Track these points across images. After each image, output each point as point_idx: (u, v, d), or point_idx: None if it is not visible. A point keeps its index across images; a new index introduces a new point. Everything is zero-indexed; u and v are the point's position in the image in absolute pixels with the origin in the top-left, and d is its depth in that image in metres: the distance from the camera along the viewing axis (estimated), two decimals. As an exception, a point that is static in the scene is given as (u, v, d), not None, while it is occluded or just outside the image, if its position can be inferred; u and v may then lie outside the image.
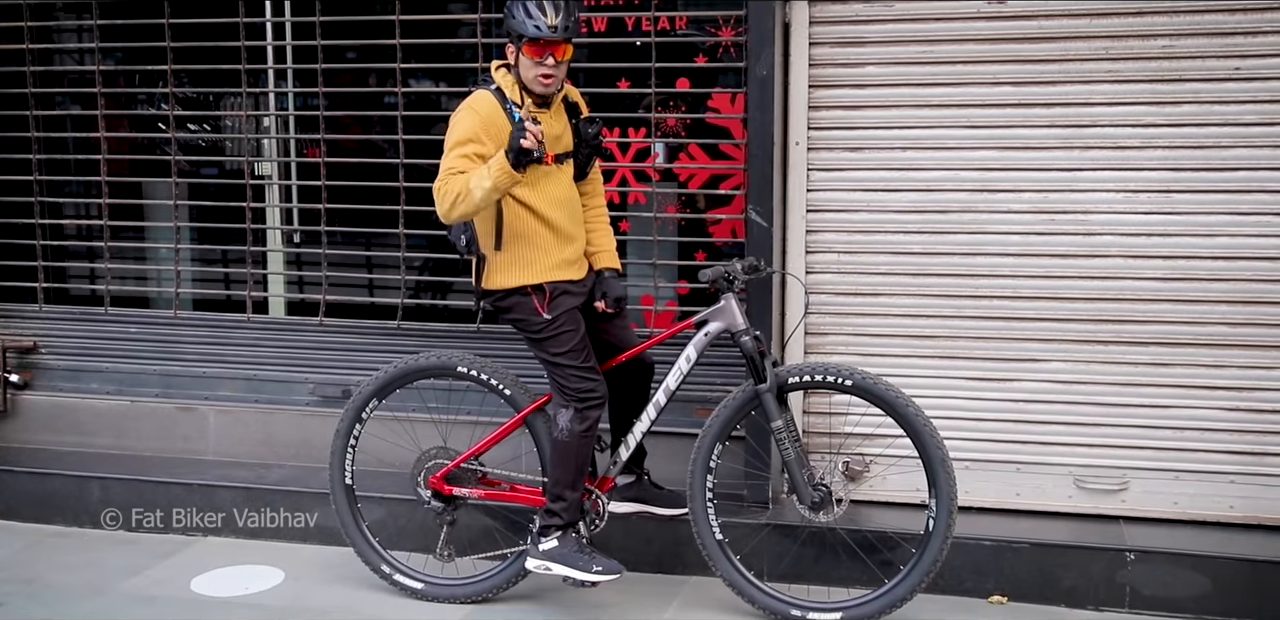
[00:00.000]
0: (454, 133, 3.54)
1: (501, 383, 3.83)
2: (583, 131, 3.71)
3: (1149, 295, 3.94)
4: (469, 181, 3.42)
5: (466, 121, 3.52)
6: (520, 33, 3.49)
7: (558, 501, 3.71)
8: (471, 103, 3.57)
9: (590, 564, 3.67)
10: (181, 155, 4.97)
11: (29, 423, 5.08)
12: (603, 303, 3.75)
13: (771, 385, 3.59)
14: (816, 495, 3.61)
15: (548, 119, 3.59)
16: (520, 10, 3.49)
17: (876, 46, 4.05)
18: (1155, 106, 3.88)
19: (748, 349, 3.62)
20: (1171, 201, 3.90)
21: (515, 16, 3.50)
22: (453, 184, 3.45)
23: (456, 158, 3.49)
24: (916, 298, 4.12)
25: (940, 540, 3.53)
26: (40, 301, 5.09)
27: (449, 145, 3.53)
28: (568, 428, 3.64)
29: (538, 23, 3.47)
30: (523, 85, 3.57)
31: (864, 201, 4.12)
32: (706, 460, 3.72)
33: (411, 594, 3.94)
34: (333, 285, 4.81)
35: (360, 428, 3.99)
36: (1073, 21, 3.90)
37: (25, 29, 4.92)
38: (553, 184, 3.65)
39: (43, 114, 5.01)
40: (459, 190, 3.44)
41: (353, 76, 4.90)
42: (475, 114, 3.52)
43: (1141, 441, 4.00)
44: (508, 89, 3.58)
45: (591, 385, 3.64)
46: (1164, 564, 3.76)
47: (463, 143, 3.50)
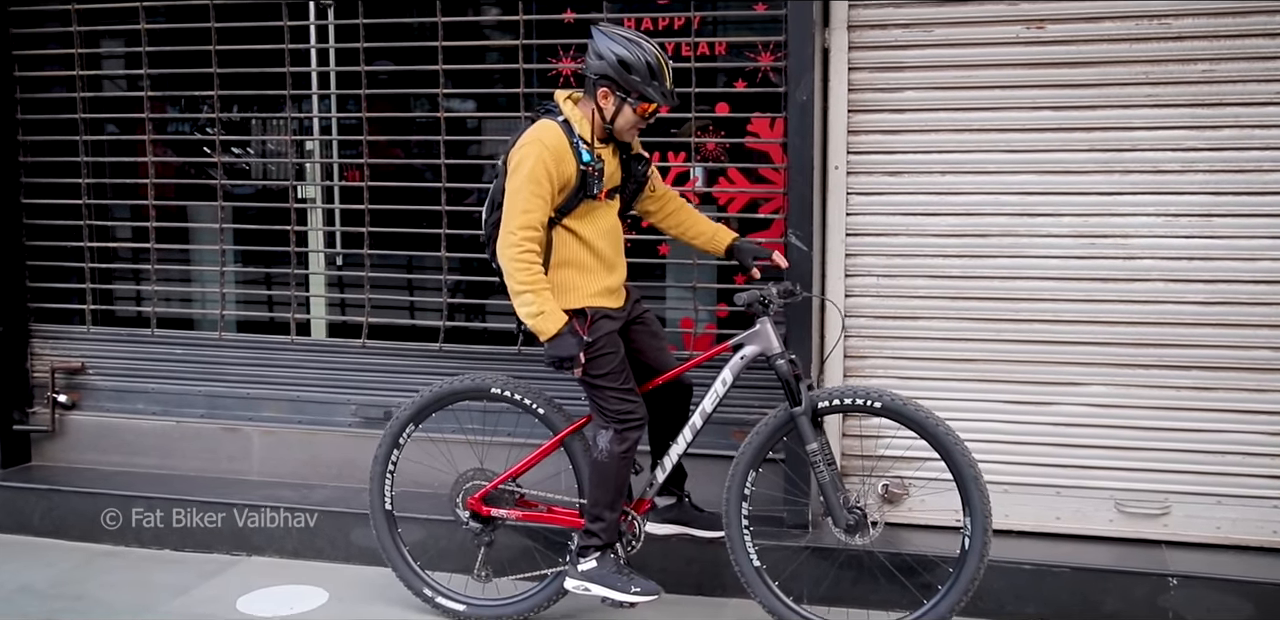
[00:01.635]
0: (523, 167, 3.54)
1: (536, 403, 3.86)
2: (632, 168, 3.78)
3: (1190, 319, 3.94)
4: (519, 291, 3.52)
5: (535, 156, 3.53)
6: (640, 93, 3.55)
7: (596, 522, 3.74)
8: (540, 135, 3.58)
9: (629, 585, 3.69)
10: (226, 179, 5.05)
11: (76, 443, 5.16)
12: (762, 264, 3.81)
13: (806, 408, 3.61)
14: (851, 518, 3.60)
15: (607, 155, 3.67)
16: (644, 69, 3.53)
17: (915, 71, 4.07)
18: (1195, 130, 3.88)
19: (782, 372, 3.63)
20: (1212, 225, 3.89)
21: (635, 73, 3.53)
22: (515, 272, 3.52)
23: (530, 197, 3.52)
24: (956, 321, 4.13)
25: (977, 559, 3.51)
26: (88, 323, 5.17)
27: (520, 180, 3.54)
28: (607, 449, 3.67)
29: (663, 90, 3.56)
30: (595, 122, 3.62)
31: (903, 225, 4.14)
32: (741, 487, 3.73)
33: (454, 616, 3.98)
34: (375, 307, 4.86)
35: (398, 453, 4.03)
36: (1112, 46, 3.91)
37: (76, 56, 5.01)
38: (601, 216, 3.72)
39: (91, 139, 5.10)
40: (512, 284, 3.54)
41: (394, 101, 4.96)
42: (545, 148, 3.54)
43: (1183, 465, 3.99)
44: (576, 123, 3.62)
45: (631, 407, 3.67)
46: (1207, 589, 3.74)
47: (535, 181, 3.52)
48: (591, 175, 3.60)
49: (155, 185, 5.06)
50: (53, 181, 5.13)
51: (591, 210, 3.68)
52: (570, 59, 4.57)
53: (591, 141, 3.62)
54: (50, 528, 4.81)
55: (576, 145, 3.58)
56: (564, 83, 4.59)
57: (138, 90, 5.02)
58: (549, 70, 4.62)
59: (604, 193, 3.67)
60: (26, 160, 5.13)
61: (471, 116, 4.98)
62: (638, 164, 3.79)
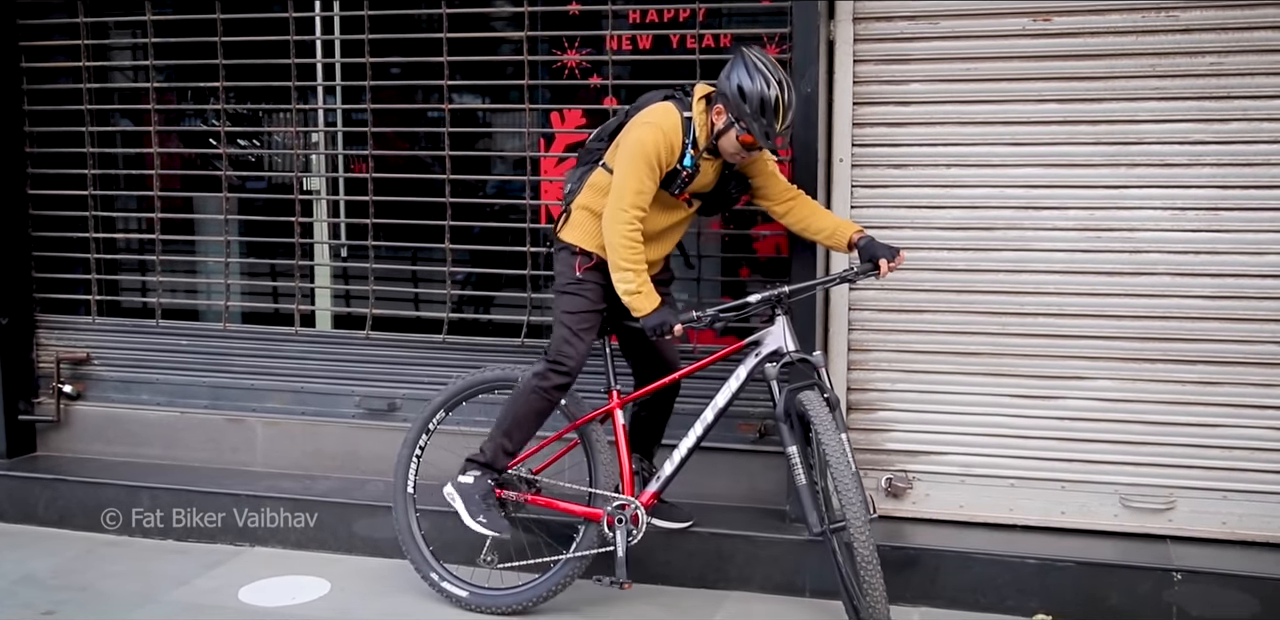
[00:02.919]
0: (641, 147, 3.61)
1: None
2: (727, 183, 3.84)
3: (1197, 313, 3.91)
4: (624, 267, 3.61)
5: (653, 140, 3.61)
6: (746, 125, 3.57)
7: (489, 442, 3.88)
8: (661, 121, 3.64)
9: (480, 513, 3.85)
10: (232, 170, 5.05)
11: (81, 432, 5.17)
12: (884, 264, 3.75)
13: (780, 413, 3.60)
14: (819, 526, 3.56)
15: (708, 166, 3.74)
16: (757, 104, 3.53)
17: (921, 64, 4.05)
18: (1203, 124, 3.85)
19: (767, 374, 3.66)
20: (1220, 219, 3.87)
21: (748, 104, 3.54)
22: (623, 249, 3.61)
23: (644, 178, 3.62)
24: (961, 315, 4.11)
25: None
26: (93, 314, 5.18)
27: (635, 159, 3.61)
28: (528, 379, 3.82)
29: (766, 129, 3.57)
30: (708, 132, 3.67)
31: (908, 218, 4.12)
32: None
33: (456, 602, 3.98)
34: (379, 299, 4.86)
35: (427, 438, 4.09)
36: (1119, 39, 3.88)
37: (82, 47, 5.02)
38: (667, 211, 3.80)
39: (98, 130, 5.11)
40: (616, 259, 3.62)
41: (399, 93, 4.96)
42: (663, 133, 3.62)
43: (1189, 460, 3.96)
44: (698, 128, 3.67)
45: (570, 353, 3.78)
46: (1212, 584, 3.72)
47: (650, 164, 3.61)
48: (682, 178, 3.69)
49: (161, 176, 5.06)
50: (59, 172, 5.14)
51: (666, 204, 3.76)
52: (576, 51, 4.56)
53: (700, 149, 3.68)
54: (55, 517, 4.82)
55: (686, 146, 3.65)
56: (569, 75, 4.58)
57: (144, 81, 5.03)
58: (555, 62, 4.61)
59: (686, 196, 3.77)
60: (33, 151, 5.14)
61: (477, 109, 4.98)
62: (734, 182, 3.84)
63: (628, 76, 4.50)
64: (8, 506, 4.90)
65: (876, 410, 4.19)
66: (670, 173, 3.67)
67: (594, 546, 3.86)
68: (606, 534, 3.82)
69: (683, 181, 3.70)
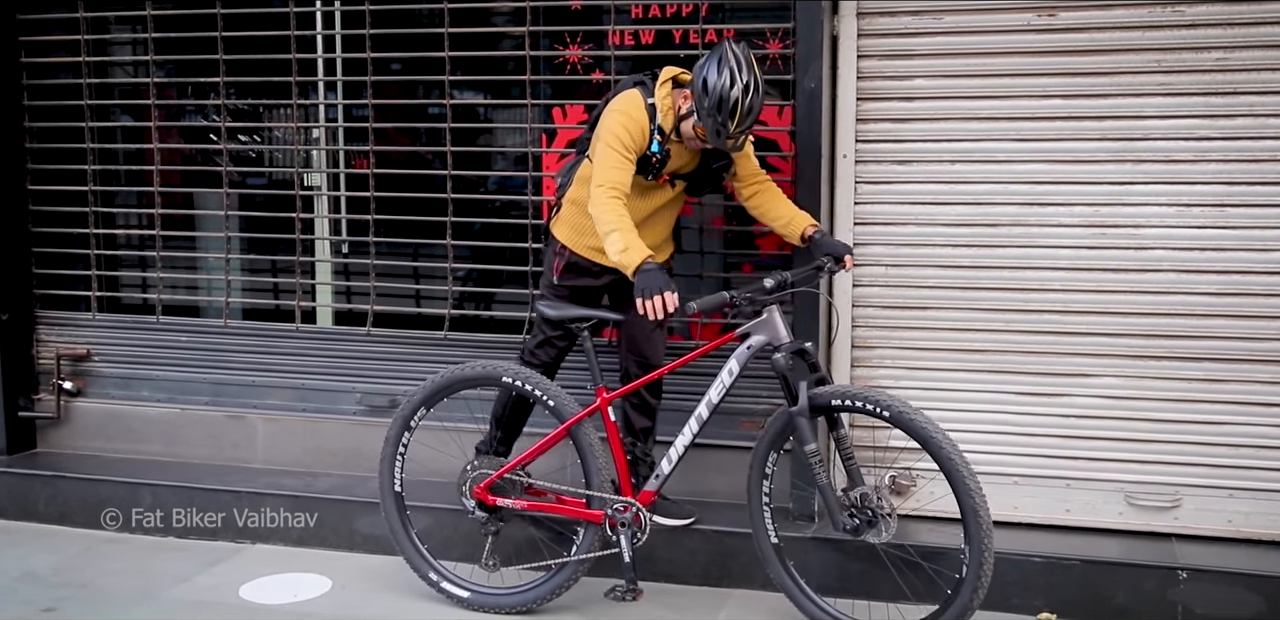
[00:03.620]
0: (614, 137, 3.65)
1: (545, 393, 3.84)
2: (708, 161, 3.86)
3: (1202, 310, 3.90)
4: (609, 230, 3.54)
5: (621, 125, 3.66)
6: (699, 118, 3.59)
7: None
8: (629, 108, 3.69)
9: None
10: (232, 166, 5.03)
11: (81, 429, 5.15)
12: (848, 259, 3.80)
13: (802, 408, 3.54)
14: (850, 523, 3.55)
15: (679, 149, 3.77)
16: (716, 100, 3.52)
17: (925, 59, 4.03)
18: (1209, 119, 3.83)
19: (779, 367, 3.58)
20: (1226, 215, 3.85)
21: (708, 98, 3.53)
22: (606, 212, 3.57)
23: (619, 157, 3.64)
24: (965, 311, 4.09)
25: (971, 590, 3.41)
26: (93, 310, 5.16)
27: (607, 141, 3.65)
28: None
29: (718, 126, 3.56)
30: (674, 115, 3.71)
31: (912, 214, 4.10)
32: (763, 466, 3.70)
33: (457, 602, 3.96)
34: (380, 296, 4.84)
35: (409, 436, 4.03)
36: (1124, 34, 3.86)
37: (82, 42, 5.00)
38: (654, 195, 3.86)
39: (98, 125, 5.09)
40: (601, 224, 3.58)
41: (401, 89, 4.94)
42: (630, 119, 3.67)
43: (1194, 458, 3.95)
44: (661, 112, 3.70)
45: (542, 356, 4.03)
46: (1217, 583, 3.71)
47: (623, 145, 3.65)
48: (652, 163, 3.73)
49: (161, 172, 5.05)
50: (59, 168, 5.12)
51: (645, 187, 3.80)
52: (578, 46, 4.54)
53: (668, 134, 3.71)
54: (55, 514, 4.81)
55: (653, 132, 3.68)
56: (571, 71, 4.56)
57: (144, 77, 5.01)
58: (556, 58, 4.58)
59: (664, 177, 3.79)
60: (33, 147, 5.13)
61: (478, 104, 4.96)
62: (716, 161, 3.84)
63: (630, 72, 4.47)
64: (8, 503, 4.89)
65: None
66: (641, 159, 3.70)
67: (596, 548, 3.83)
68: (608, 535, 3.79)
69: (655, 167, 3.74)
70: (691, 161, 3.83)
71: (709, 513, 4.16)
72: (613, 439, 3.83)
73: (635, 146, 3.66)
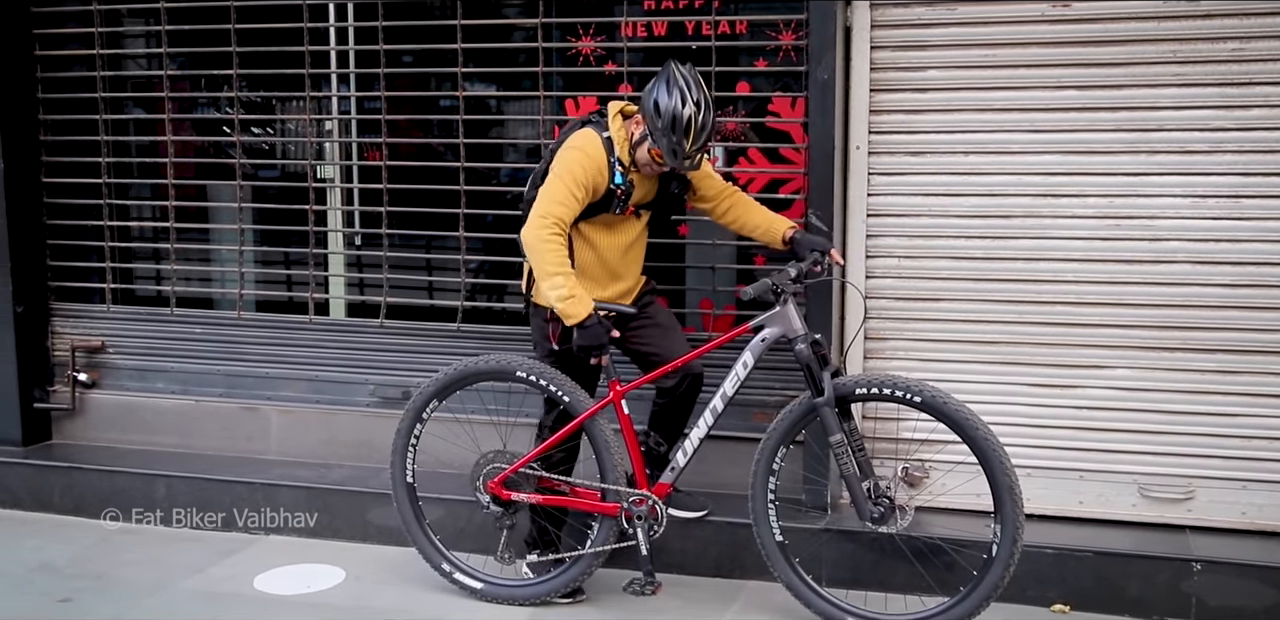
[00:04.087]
0: (566, 171, 3.63)
1: (559, 388, 3.83)
2: (667, 187, 3.84)
3: (1217, 302, 3.88)
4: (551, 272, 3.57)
5: (577, 162, 3.64)
6: (655, 141, 3.59)
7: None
8: (585, 145, 3.68)
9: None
10: (246, 159, 5.04)
11: (96, 421, 5.17)
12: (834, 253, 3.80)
13: (829, 398, 3.54)
14: (876, 511, 3.57)
15: (640, 178, 3.76)
16: (669, 121, 3.53)
17: (939, 50, 4.02)
18: (1224, 110, 3.82)
19: (803, 357, 3.58)
20: (1241, 207, 3.84)
21: (661, 119, 3.54)
22: (547, 253, 3.57)
23: (567, 193, 3.61)
24: (978, 303, 4.08)
25: (1002, 568, 3.44)
26: (108, 302, 5.18)
27: (558, 175, 3.63)
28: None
29: (674, 147, 3.56)
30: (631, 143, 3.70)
31: (925, 206, 4.09)
32: (769, 463, 3.70)
33: (471, 594, 3.97)
34: (393, 288, 4.85)
35: (421, 427, 4.03)
36: (1139, 24, 3.85)
37: (96, 35, 5.01)
38: (622, 229, 3.85)
39: (112, 118, 5.10)
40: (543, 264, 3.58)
41: (413, 81, 4.94)
42: (587, 157, 3.65)
43: (1208, 450, 3.94)
44: (618, 145, 3.70)
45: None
46: (1231, 575, 3.70)
47: (575, 182, 3.61)
48: (618, 196, 3.72)
49: (175, 165, 5.06)
50: (73, 161, 5.14)
51: (614, 222, 3.80)
52: (590, 38, 4.54)
53: (628, 165, 3.70)
54: (70, 505, 4.83)
55: (613, 164, 3.68)
56: (584, 62, 4.55)
57: (157, 69, 5.02)
58: (569, 49, 4.58)
59: (631, 210, 3.79)
60: (47, 139, 5.14)
61: (491, 96, 4.96)
62: (673, 182, 3.83)
63: (642, 63, 4.48)
64: (24, 494, 4.92)
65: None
66: (606, 194, 3.70)
67: (611, 540, 3.83)
68: (624, 527, 3.80)
69: (620, 199, 3.74)
70: (652, 190, 3.84)
71: (722, 504, 4.16)
72: (627, 432, 3.83)
73: (587, 183, 3.64)
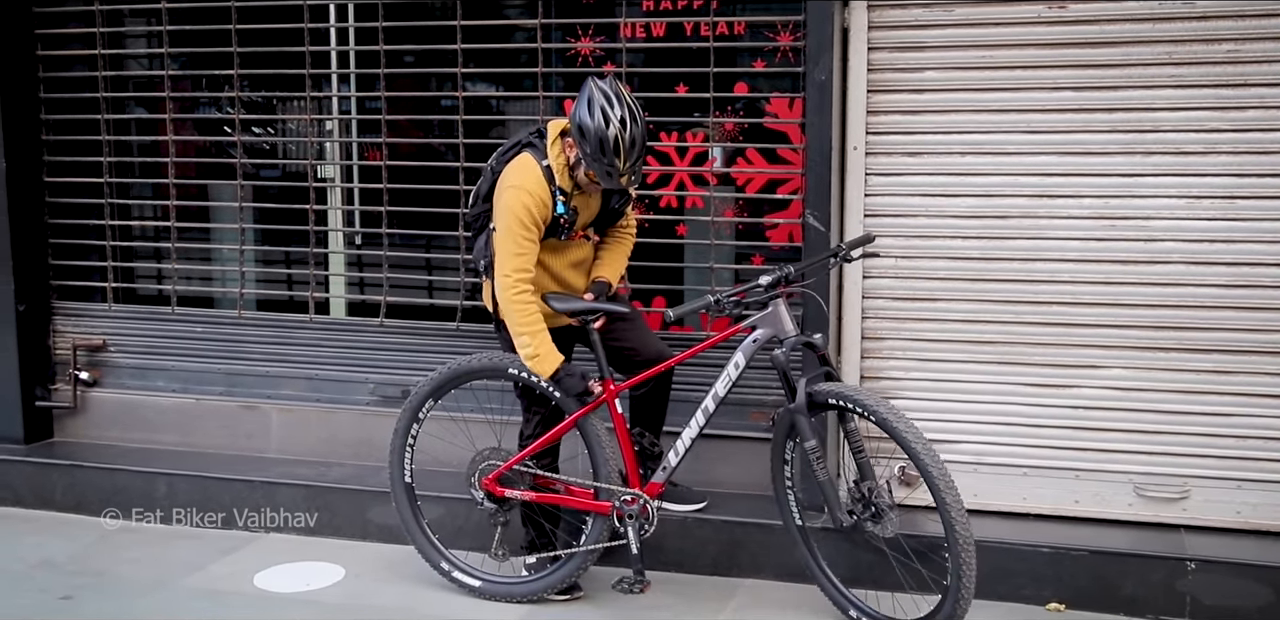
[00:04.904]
0: (511, 212, 3.64)
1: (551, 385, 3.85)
2: (609, 201, 3.88)
3: (1211, 302, 3.90)
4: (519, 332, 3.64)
5: (520, 203, 3.64)
6: (587, 163, 3.60)
7: None
8: (523, 180, 3.66)
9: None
10: (246, 158, 5.06)
11: (97, 419, 5.20)
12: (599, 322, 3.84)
13: (800, 405, 3.58)
14: (848, 520, 3.61)
15: (582, 202, 3.78)
16: (595, 143, 3.53)
17: (936, 51, 4.03)
18: (1219, 111, 3.83)
19: (778, 363, 3.61)
20: (1235, 207, 3.85)
21: (587, 142, 3.55)
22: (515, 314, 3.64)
23: (520, 241, 3.64)
24: (975, 303, 4.10)
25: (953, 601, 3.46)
26: (109, 301, 5.20)
27: (507, 224, 3.65)
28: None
29: (610, 167, 3.57)
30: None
31: (922, 206, 4.11)
32: (782, 452, 3.76)
33: (469, 591, 4.00)
34: (393, 287, 4.87)
35: (418, 427, 4.06)
36: (1135, 26, 3.86)
37: (98, 35, 5.03)
38: (572, 249, 3.90)
39: (113, 117, 5.12)
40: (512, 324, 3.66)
41: (413, 81, 4.96)
42: (529, 195, 3.65)
43: (1203, 450, 3.95)
44: (558, 173, 3.69)
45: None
46: (1226, 574, 3.72)
47: (524, 226, 3.63)
48: (563, 225, 3.75)
49: (176, 164, 5.08)
50: (75, 160, 5.16)
51: (562, 245, 3.83)
52: (589, 39, 4.55)
53: (570, 193, 3.71)
54: (71, 503, 4.85)
55: (555, 194, 3.68)
56: (583, 63, 4.57)
57: (159, 69, 5.04)
58: (568, 50, 4.60)
59: (580, 234, 3.84)
60: (49, 139, 5.16)
61: (491, 97, 4.98)
62: (616, 200, 3.88)
63: (641, 64, 4.50)
64: (25, 492, 4.94)
65: (889, 398, 4.16)
66: (551, 223, 3.72)
67: (604, 538, 3.86)
68: (616, 526, 3.82)
69: (566, 227, 3.77)
70: (596, 207, 3.87)
71: (718, 503, 4.19)
72: (619, 430, 3.85)
73: (534, 222, 3.65)
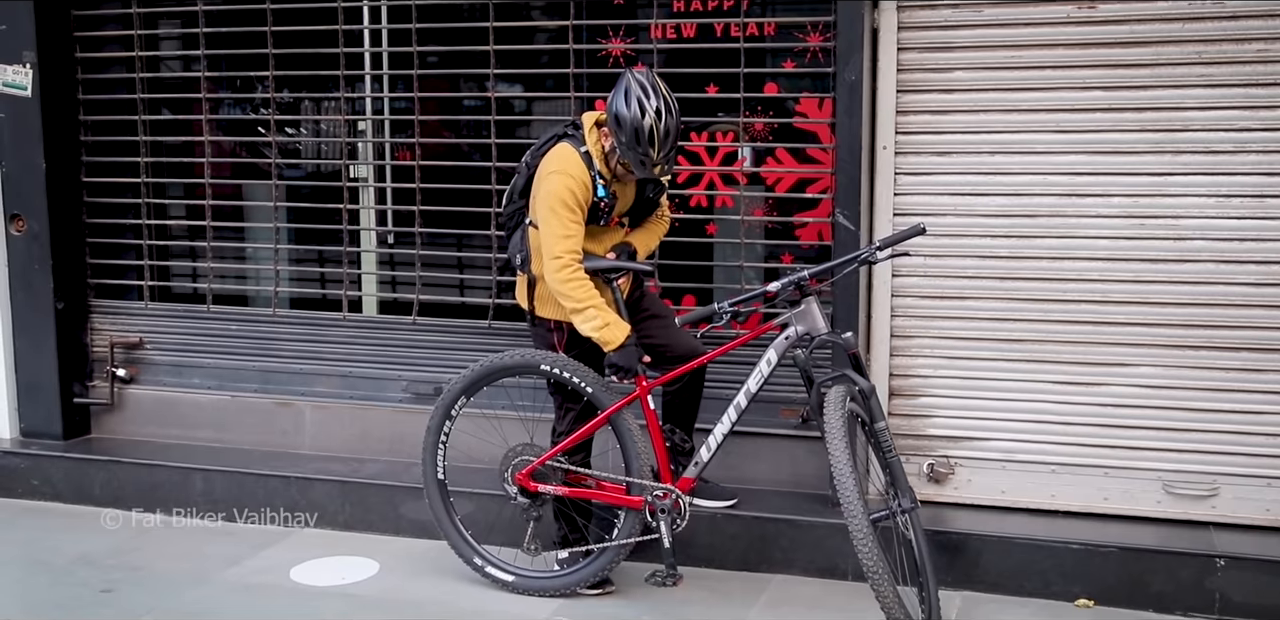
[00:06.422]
0: (553, 196, 3.70)
1: (584, 381, 3.89)
2: (644, 190, 3.93)
3: (1241, 300, 3.91)
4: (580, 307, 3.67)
5: (563, 185, 3.70)
6: (621, 152, 3.65)
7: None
8: (564, 166, 3.73)
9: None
10: (280, 158, 5.12)
11: (135, 416, 5.27)
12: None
13: (815, 405, 3.62)
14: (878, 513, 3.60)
15: (620, 188, 3.84)
16: (631, 132, 3.59)
17: (965, 51, 4.06)
18: (1249, 111, 3.84)
19: (799, 362, 3.67)
20: (1265, 206, 3.86)
21: (623, 132, 3.60)
22: (571, 291, 3.68)
23: (566, 223, 3.69)
24: (1004, 301, 4.12)
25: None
26: (146, 299, 5.27)
27: (551, 208, 3.70)
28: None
29: (642, 158, 3.63)
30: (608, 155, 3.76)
31: (951, 205, 4.13)
32: None
33: (502, 586, 4.04)
34: (425, 285, 4.92)
35: (450, 425, 4.10)
36: (1165, 25, 3.88)
37: (135, 37, 5.10)
38: (609, 237, 3.94)
39: (150, 118, 5.19)
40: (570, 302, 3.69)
41: (445, 82, 5.01)
42: (571, 178, 3.71)
43: (1232, 447, 3.96)
44: (596, 158, 3.76)
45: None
46: (1255, 571, 3.73)
47: (568, 208, 3.69)
48: (603, 209, 3.80)
49: (212, 165, 5.15)
50: (112, 160, 5.23)
51: (598, 232, 3.88)
52: (620, 39, 4.59)
53: (609, 178, 3.78)
54: (110, 498, 4.92)
55: (595, 179, 3.75)
56: (613, 64, 4.61)
57: (195, 71, 5.11)
58: (598, 51, 4.64)
59: (615, 220, 3.89)
60: (87, 140, 5.23)
61: (521, 97, 5.02)
62: (651, 189, 3.94)
63: (673, 65, 4.54)
64: (64, 487, 5.01)
65: (919, 396, 4.22)
66: (592, 208, 3.77)
67: (636, 533, 3.89)
68: (648, 521, 3.86)
69: (606, 211, 3.82)
70: (631, 196, 3.94)
71: (749, 499, 4.22)
72: (652, 426, 3.89)
73: (580, 201, 3.71)
